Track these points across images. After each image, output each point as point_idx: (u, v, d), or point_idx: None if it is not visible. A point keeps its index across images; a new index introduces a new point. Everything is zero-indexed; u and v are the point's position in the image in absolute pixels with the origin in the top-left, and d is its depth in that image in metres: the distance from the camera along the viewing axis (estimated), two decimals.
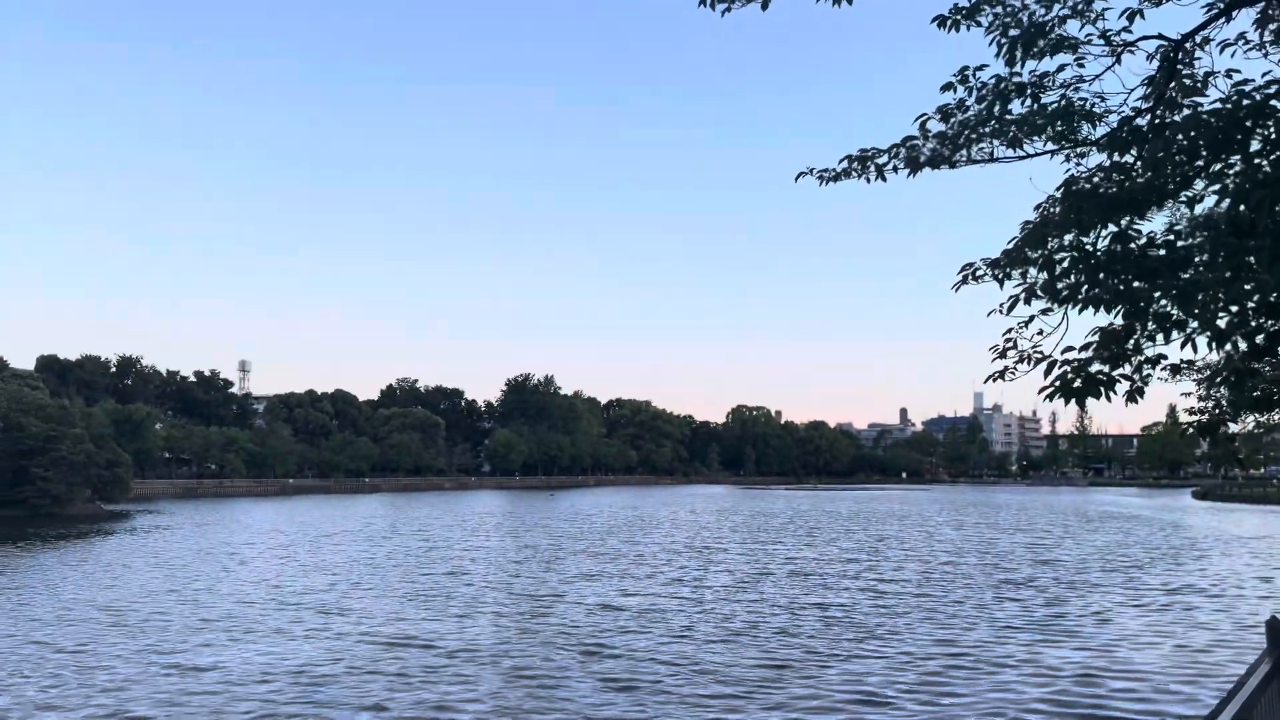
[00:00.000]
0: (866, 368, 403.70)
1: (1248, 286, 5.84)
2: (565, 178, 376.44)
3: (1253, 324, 6.04)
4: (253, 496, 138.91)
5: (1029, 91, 7.52)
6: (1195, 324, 6.07)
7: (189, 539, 56.90)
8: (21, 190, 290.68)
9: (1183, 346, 6.18)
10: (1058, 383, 6.31)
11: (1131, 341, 6.39)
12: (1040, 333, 6.75)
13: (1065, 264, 6.65)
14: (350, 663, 21.40)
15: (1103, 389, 6.20)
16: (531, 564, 42.61)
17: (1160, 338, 6.25)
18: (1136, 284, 6.31)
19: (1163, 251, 6.45)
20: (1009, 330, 6.89)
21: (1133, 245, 6.51)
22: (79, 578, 36.79)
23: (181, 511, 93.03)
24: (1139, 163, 6.79)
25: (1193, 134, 6.31)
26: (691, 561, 43.41)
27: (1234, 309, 6.01)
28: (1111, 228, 6.63)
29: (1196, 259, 6.27)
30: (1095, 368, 6.32)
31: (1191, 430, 8.43)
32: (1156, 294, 6.20)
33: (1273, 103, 6.09)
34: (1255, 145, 6.10)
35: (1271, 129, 6.09)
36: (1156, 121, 7.09)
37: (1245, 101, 6.14)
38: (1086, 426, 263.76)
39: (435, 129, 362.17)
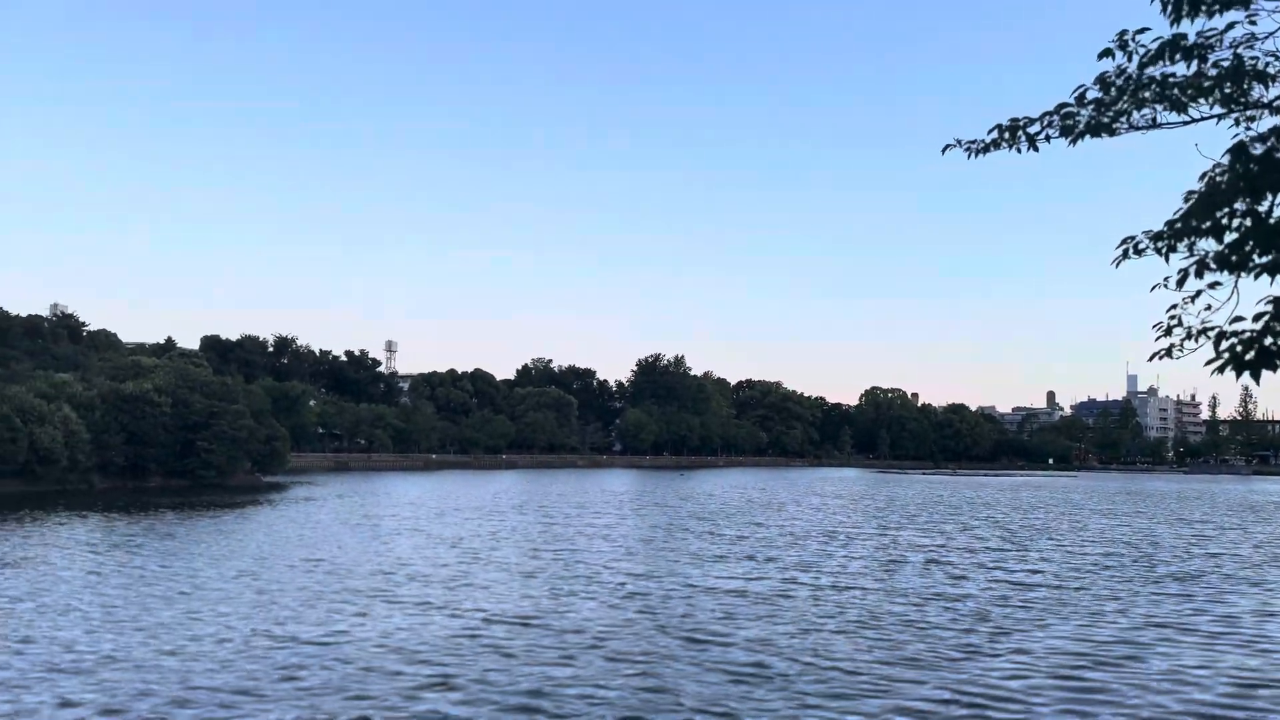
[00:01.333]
0: (1011, 348, 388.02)
1: None
2: (691, 159, 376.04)
3: None
4: (399, 470, 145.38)
5: (1195, 52, 7.05)
6: None
7: (335, 510, 59.78)
8: (187, 184, 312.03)
9: None
10: (1227, 355, 5.94)
11: None
12: (1208, 307, 6.36)
13: (1238, 232, 6.24)
14: (459, 638, 21.49)
15: (1278, 362, 5.82)
16: (655, 544, 42.59)
17: None
18: None
19: None
20: (1173, 306, 6.52)
21: None
22: (229, 545, 39.00)
23: (332, 484, 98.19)
24: None
25: None
26: (818, 547, 42.51)
27: None
28: None
29: None
30: (1269, 340, 5.91)
31: None
32: None
33: None
34: None
35: None
36: None
37: None
38: (1251, 411, 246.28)
39: (568, 124, 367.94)
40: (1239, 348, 5.92)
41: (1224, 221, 6.34)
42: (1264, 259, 5.95)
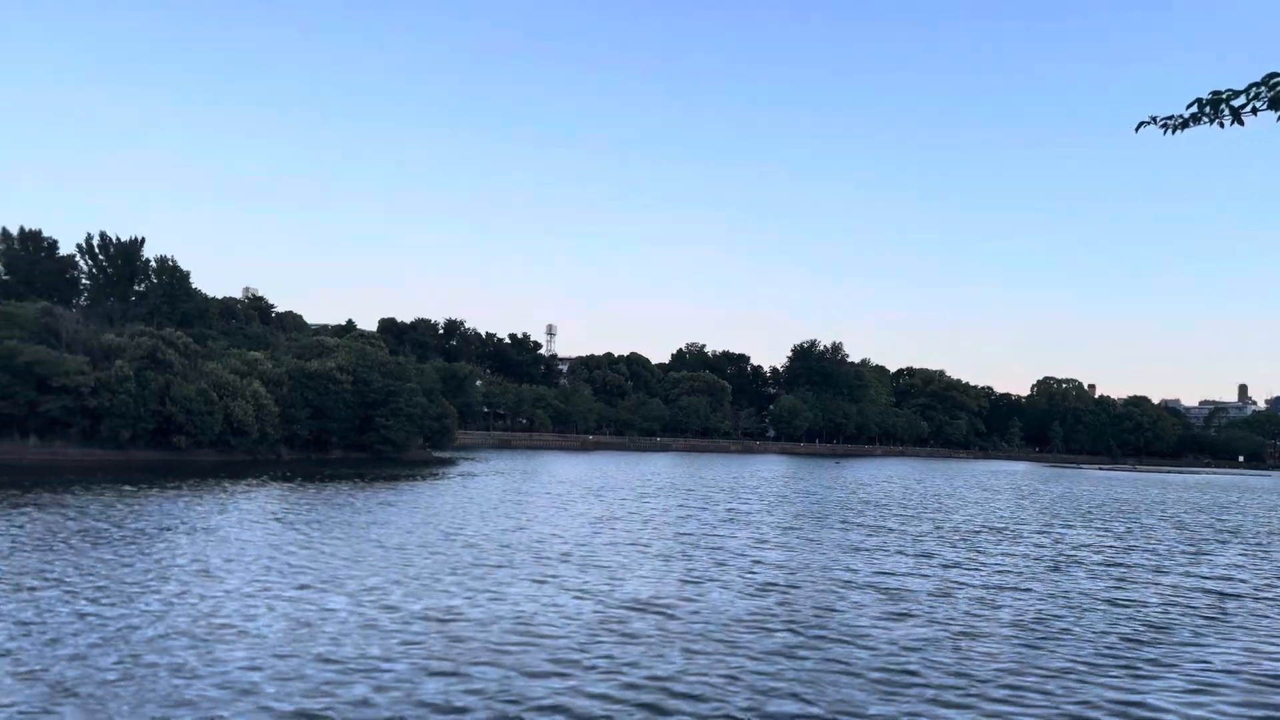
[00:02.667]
0: (1198, 338, 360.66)
1: None
2: (855, 153, 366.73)
3: None
4: (557, 450, 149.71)
5: None
6: None
7: (496, 486, 62.07)
8: (366, 176, 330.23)
9: None
10: None
11: None
12: None
13: None
14: (587, 621, 21.43)
15: None
16: (803, 533, 41.87)
17: None
18: None
19: None
20: None
21: None
22: (392, 517, 41.12)
23: (496, 460, 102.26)
24: None
25: None
26: (978, 543, 40.86)
27: None
28: None
29: None
30: None
31: None
32: None
33: None
34: None
35: None
36: None
37: None
38: None
39: (728, 123, 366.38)
40: None
41: None
42: None
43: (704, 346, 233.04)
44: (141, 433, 74.82)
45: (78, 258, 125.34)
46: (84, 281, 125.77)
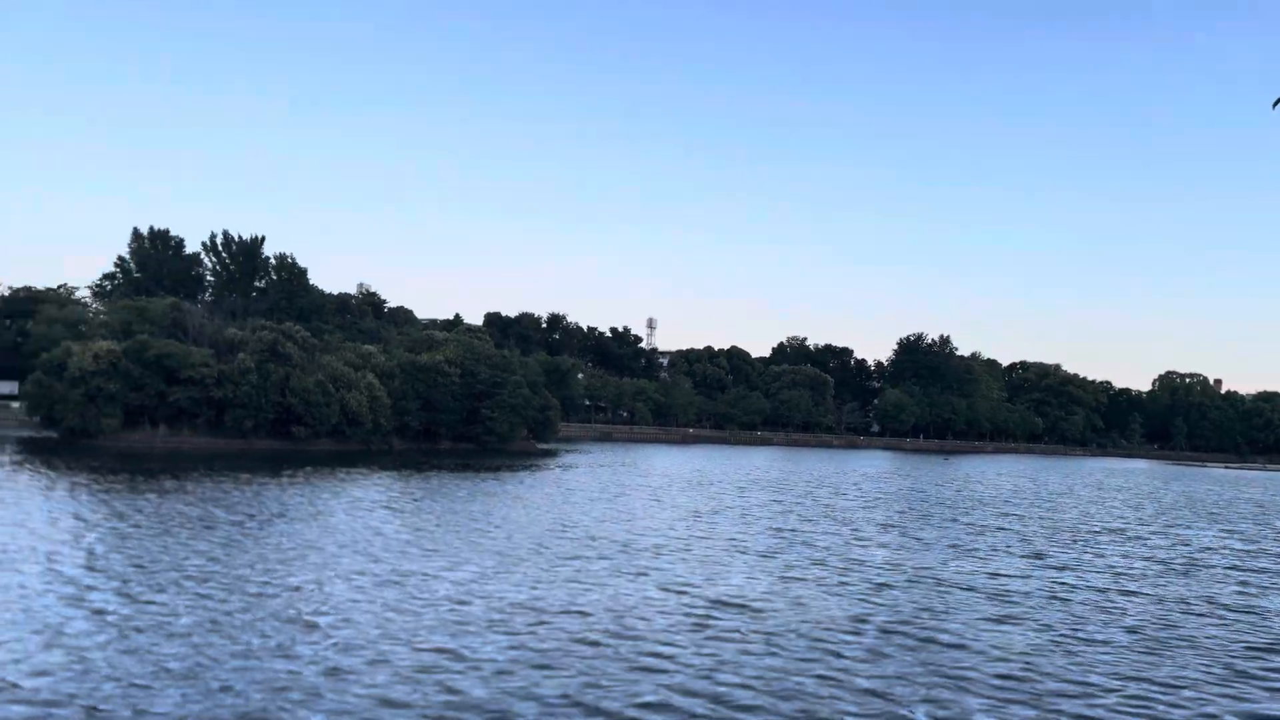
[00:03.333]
0: None
1: None
2: (954, 137, 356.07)
3: None
4: (657, 442, 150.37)
5: None
6: None
7: (596, 478, 62.84)
8: (479, 177, 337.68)
9: None
10: None
11: None
12: None
13: None
14: (672, 615, 21.28)
15: None
16: (906, 531, 40.79)
17: None
18: None
19: None
20: None
21: None
22: (492, 506, 42.02)
23: (597, 452, 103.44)
24: None
25: None
26: (1094, 545, 39.17)
27: None
28: None
29: None
30: None
31: None
32: None
33: None
34: None
35: None
36: None
37: None
38: None
39: (828, 122, 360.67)
40: None
41: None
42: None
43: (805, 340, 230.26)
44: (263, 422, 78.38)
45: (203, 255, 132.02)
46: (208, 278, 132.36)
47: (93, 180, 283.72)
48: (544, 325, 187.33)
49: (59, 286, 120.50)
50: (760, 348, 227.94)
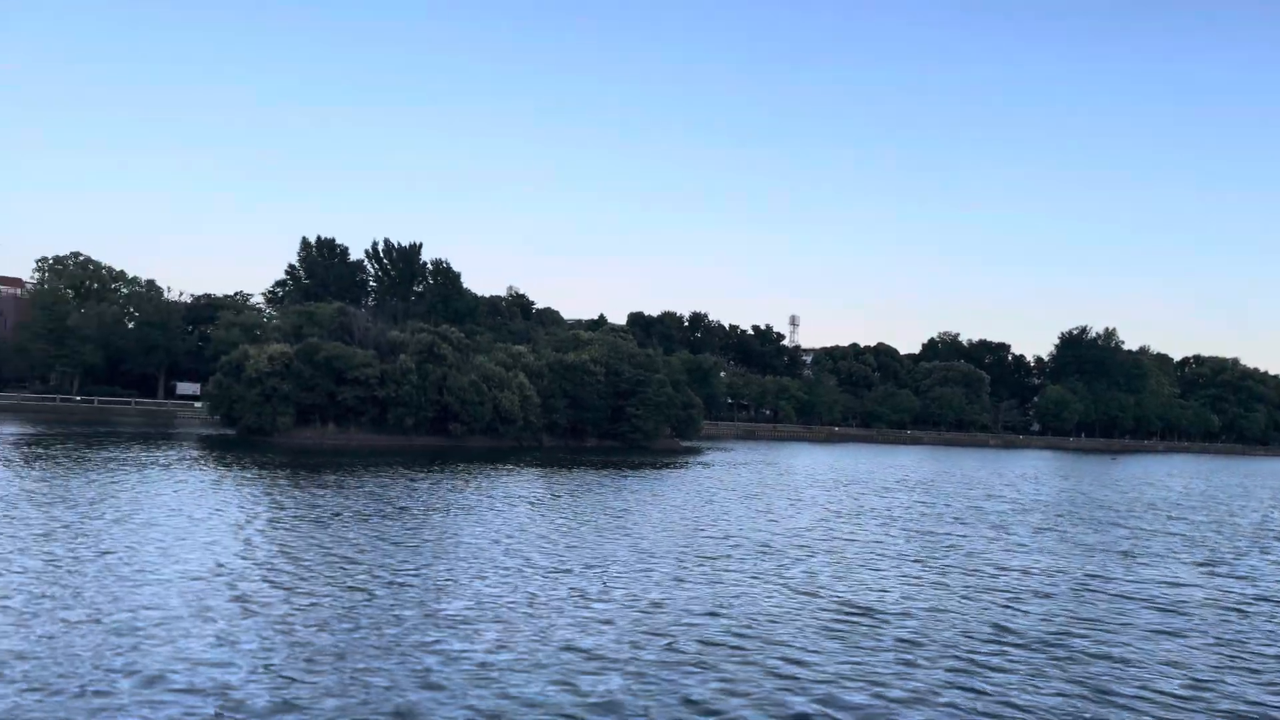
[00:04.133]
0: None
1: None
2: (1121, 133, 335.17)
3: None
4: (802, 441, 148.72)
5: None
6: None
7: (738, 477, 62.63)
8: (639, 182, 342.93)
9: None
10: None
11: None
12: None
13: None
14: (806, 619, 20.83)
15: None
16: (1061, 535, 38.66)
17: None
18: None
19: None
20: None
21: None
22: (633, 503, 42.52)
23: (740, 451, 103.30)
24: None
25: None
26: (1267, 552, 36.33)
27: None
28: None
29: None
30: None
31: None
32: None
33: None
34: None
35: None
36: None
37: None
38: None
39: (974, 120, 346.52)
40: None
41: None
42: None
43: (957, 335, 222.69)
44: (422, 420, 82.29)
45: (365, 262, 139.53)
46: (371, 283, 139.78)
47: (266, 192, 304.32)
48: (686, 324, 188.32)
49: (236, 294, 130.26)
50: (908, 344, 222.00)
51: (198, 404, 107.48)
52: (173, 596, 20.38)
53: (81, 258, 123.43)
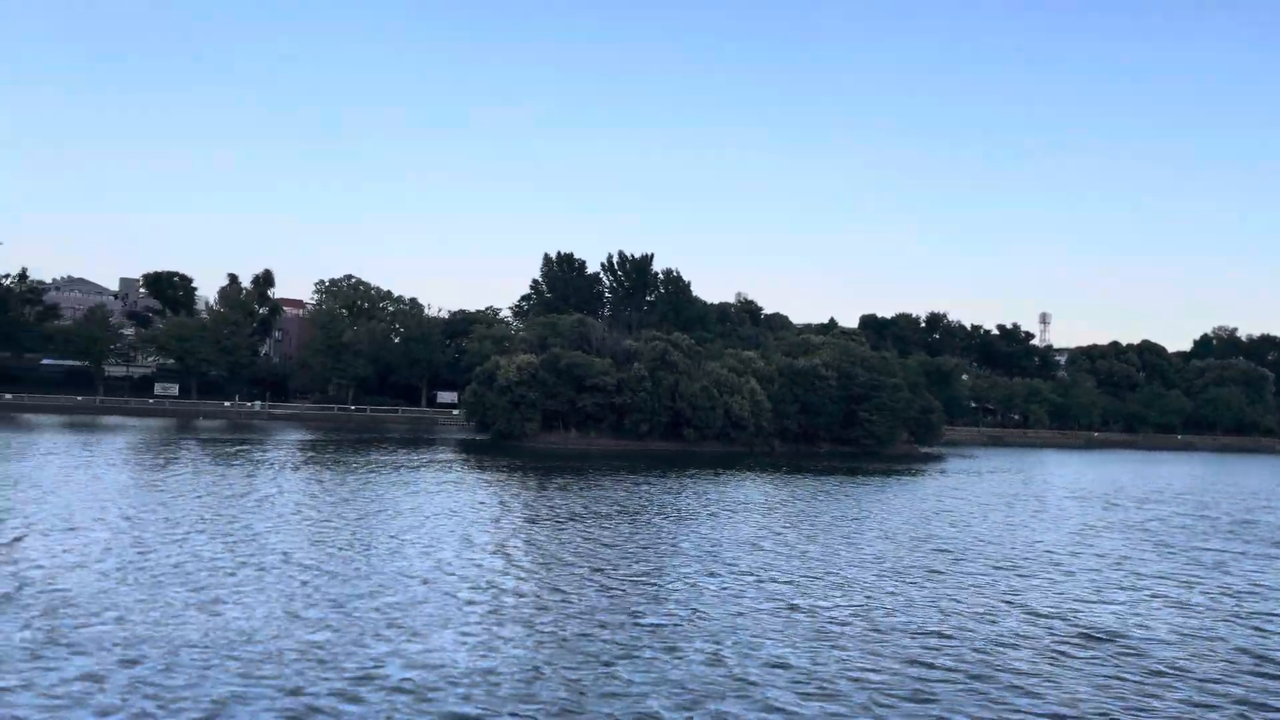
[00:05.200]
0: None
1: None
2: None
3: None
4: (1055, 447, 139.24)
5: None
6: None
7: (983, 486, 59.71)
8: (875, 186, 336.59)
9: None
10: None
11: None
12: None
13: None
14: (1036, 646, 19.75)
15: None
16: None
17: None
18: None
19: None
20: None
21: None
22: (871, 511, 41.65)
23: (985, 457, 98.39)
24: None
25: None
26: None
27: None
28: None
29: None
30: None
31: None
32: None
33: None
34: None
35: None
36: None
37: None
38: None
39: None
40: None
41: None
42: None
43: (1235, 330, 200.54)
44: (656, 425, 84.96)
45: (601, 274, 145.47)
46: (606, 294, 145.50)
47: (509, 209, 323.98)
48: (922, 325, 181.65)
49: (487, 308, 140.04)
50: (1178, 341, 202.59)
51: (455, 411, 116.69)
52: (429, 589, 22.62)
53: (354, 279, 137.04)
